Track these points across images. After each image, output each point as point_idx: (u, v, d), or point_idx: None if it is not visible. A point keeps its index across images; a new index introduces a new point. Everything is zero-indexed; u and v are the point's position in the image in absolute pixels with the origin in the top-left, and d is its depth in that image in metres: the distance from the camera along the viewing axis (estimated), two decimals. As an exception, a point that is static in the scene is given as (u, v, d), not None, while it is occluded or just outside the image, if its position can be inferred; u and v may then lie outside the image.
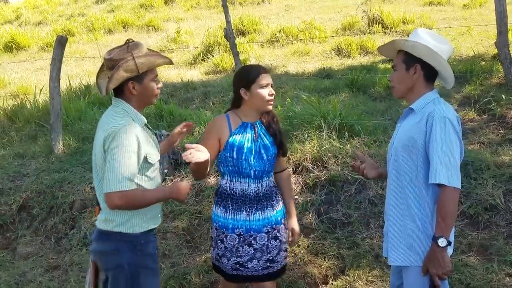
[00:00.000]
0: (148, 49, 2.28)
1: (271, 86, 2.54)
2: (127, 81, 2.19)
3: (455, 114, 2.14)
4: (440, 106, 2.13)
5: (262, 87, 2.50)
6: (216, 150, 2.55)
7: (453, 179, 2.02)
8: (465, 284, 3.19)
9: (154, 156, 2.26)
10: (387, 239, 2.32)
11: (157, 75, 2.30)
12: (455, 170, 2.04)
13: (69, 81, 7.43)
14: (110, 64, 2.19)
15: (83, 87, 7.28)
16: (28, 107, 6.80)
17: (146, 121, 2.33)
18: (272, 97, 2.54)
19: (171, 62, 2.35)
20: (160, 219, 2.44)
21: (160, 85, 2.32)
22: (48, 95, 5.54)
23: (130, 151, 2.11)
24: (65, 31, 12.15)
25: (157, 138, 2.53)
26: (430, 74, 2.21)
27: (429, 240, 2.11)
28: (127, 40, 2.25)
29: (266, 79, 2.52)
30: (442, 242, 2.03)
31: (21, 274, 3.92)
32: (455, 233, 3.54)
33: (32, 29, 13.62)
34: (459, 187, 2.05)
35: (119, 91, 2.24)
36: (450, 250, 2.16)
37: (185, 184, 2.29)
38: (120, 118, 2.17)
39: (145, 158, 2.20)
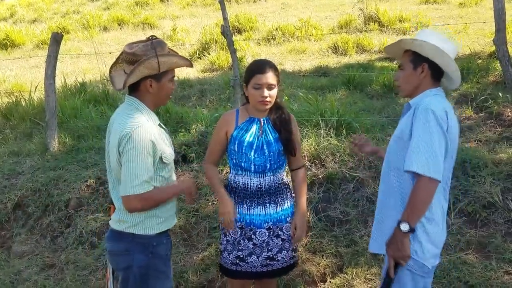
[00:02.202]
0: (169, 48, 2.25)
1: (268, 87, 2.46)
2: (145, 78, 2.16)
3: (446, 109, 2.10)
4: (429, 98, 2.13)
5: (254, 87, 2.47)
6: (225, 144, 2.60)
7: (429, 169, 1.99)
8: (463, 281, 3.19)
9: (169, 155, 2.25)
10: (374, 228, 2.35)
11: (174, 76, 2.27)
12: (434, 160, 2.00)
13: (65, 79, 7.37)
14: (131, 59, 2.14)
15: (78, 84, 7.22)
16: (23, 104, 6.73)
17: (158, 120, 2.30)
18: (264, 99, 2.46)
19: (191, 65, 2.33)
20: (175, 220, 2.43)
21: (174, 86, 2.30)
22: (43, 93, 5.49)
23: (145, 152, 2.09)
24: (60, 28, 12.05)
25: None
26: (437, 73, 2.22)
27: None
28: (151, 36, 2.22)
29: (260, 79, 2.45)
30: (404, 226, 2.03)
31: (17, 272, 3.89)
32: (453, 231, 3.56)
33: (27, 26, 13.51)
34: (437, 178, 2.01)
35: (134, 88, 2.20)
36: (435, 251, 2.16)
37: (188, 184, 2.30)
38: (134, 118, 2.14)
39: (160, 158, 2.18)
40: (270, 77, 2.47)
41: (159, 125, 2.29)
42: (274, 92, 2.50)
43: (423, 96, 2.19)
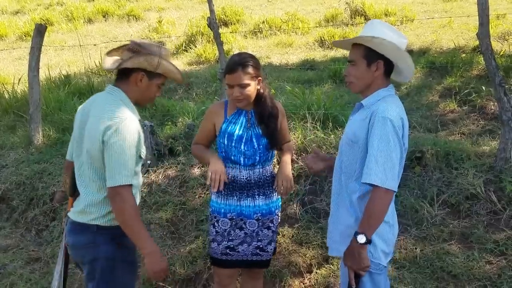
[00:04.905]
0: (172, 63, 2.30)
1: (240, 86, 2.42)
2: (139, 70, 2.18)
3: (401, 115, 2.08)
4: (386, 105, 2.06)
5: (227, 85, 2.48)
6: (212, 135, 2.62)
7: (387, 181, 1.97)
8: (446, 271, 3.26)
9: (144, 150, 2.25)
10: (329, 228, 2.35)
11: (164, 84, 2.31)
12: (391, 171, 1.98)
13: (49, 71, 7.27)
14: (135, 48, 2.18)
15: (62, 77, 7.14)
16: (6, 97, 6.63)
17: (138, 116, 2.30)
18: (236, 98, 2.46)
19: (181, 81, 2.37)
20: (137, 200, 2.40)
21: (159, 94, 2.32)
22: (27, 85, 5.41)
23: (132, 145, 2.09)
24: (43, 20, 11.85)
25: None
26: (390, 70, 2.16)
27: None
28: (161, 42, 2.26)
29: (230, 80, 2.43)
30: (361, 238, 2.00)
31: (1, 266, 3.85)
32: (436, 222, 3.63)
33: (10, 18, 13.27)
34: (394, 189, 2.00)
35: (124, 77, 2.21)
36: (383, 250, 2.17)
37: (165, 266, 2.19)
38: (121, 110, 2.13)
39: (139, 153, 2.19)
40: (239, 77, 2.42)
41: (139, 120, 2.30)
42: (249, 89, 2.45)
43: (377, 98, 2.13)
